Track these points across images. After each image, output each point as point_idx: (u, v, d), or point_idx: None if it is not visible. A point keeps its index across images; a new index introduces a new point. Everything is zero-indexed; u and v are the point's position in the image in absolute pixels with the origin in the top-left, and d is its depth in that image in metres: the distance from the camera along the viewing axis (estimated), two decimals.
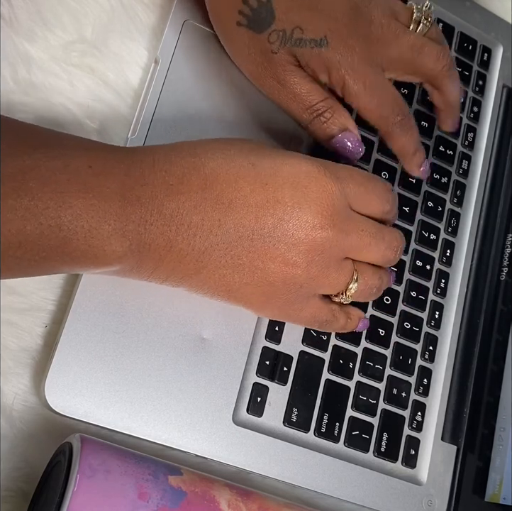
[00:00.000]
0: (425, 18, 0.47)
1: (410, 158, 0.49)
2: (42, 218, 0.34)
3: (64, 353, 0.40)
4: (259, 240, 0.39)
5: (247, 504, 0.40)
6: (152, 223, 0.37)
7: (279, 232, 0.39)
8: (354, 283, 0.42)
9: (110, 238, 0.36)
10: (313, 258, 0.40)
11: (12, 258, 0.34)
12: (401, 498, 0.48)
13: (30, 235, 0.34)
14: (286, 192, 0.39)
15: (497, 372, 0.53)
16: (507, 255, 0.56)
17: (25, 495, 0.40)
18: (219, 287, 0.40)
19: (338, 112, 0.45)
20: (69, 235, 0.35)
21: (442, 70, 0.48)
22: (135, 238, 0.37)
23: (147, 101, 0.45)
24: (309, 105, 0.45)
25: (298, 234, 0.39)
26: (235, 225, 0.38)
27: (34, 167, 0.34)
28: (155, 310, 0.43)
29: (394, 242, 0.43)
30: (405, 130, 0.47)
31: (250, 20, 0.44)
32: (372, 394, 0.49)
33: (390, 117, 0.46)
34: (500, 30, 0.60)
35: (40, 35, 0.44)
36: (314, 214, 0.39)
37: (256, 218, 0.39)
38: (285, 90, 0.45)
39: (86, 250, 0.36)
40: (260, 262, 0.39)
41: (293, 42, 0.43)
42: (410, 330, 0.51)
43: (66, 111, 0.44)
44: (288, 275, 0.40)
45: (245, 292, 0.40)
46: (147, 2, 0.48)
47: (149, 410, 0.42)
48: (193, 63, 0.47)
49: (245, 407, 0.45)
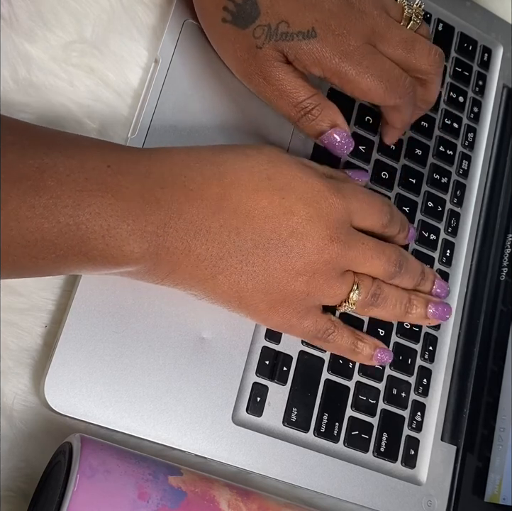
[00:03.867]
0: (416, 16, 0.47)
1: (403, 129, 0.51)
2: (61, 217, 0.34)
3: (63, 352, 0.40)
4: (273, 250, 0.41)
5: (247, 504, 0.40)
6: (172, 227, 0.37)
7: (292, 242, 0.41)
8: (355, 292, 0.44)
9: (129, 239, 0.36)
10: (319, 268, 0.42)
11: (29, 256, 0.34)
12: (401, 498, 0.48)
13: (48, 234, 0.34)
14: (300, 207, 0.41)
15: (497, 372, 0.53)
16: (507, 255, 0.56)
17: (25, 495, 0.40)
18: (232, 294, 0.41)
19: (327, 108, 0.45)
20: (87, 234, 0.35)
21: (433, 66, 0.47)
22: (154, 240, 0.37)
23: (147, 100, 0.45)
24: (296, 102, 0.44)
25: (309, 245, 0.41)
26: (252, 233, 0.40)
27: (52, 165, 0.34)
28: (155, 310, 0.43)
29: (393, 256, 0.45)
30: (412, 103, 0.47)
31: (235, 16, 0.43)
32: (372, 394, 0.49)
33: (397, 91, 0.45)
34: (500, 30, 0.60)
35: (40, 35, 0.44)
36: (323, 228, 0.42)
37: (273, 228, 0.40)
38: (271, 87, 0.44)
39: (104, 250, 0.36)
40: (273, 270, 0.41)
41: (279, 36, 0.43)
42: (410, 330, 0.51)
43: (66, 111, 0.44)
44: (297, 282, 0.41)
45: (255, 299, 0.41)
46: (147, 2, 0.48)
47: (148, 410, 0.42)
48: (193, 63, 0.47)
49: (245, 406, 0.45)
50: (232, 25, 0.43)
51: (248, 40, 0.43)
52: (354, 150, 0.51)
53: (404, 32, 0.46)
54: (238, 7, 0.43)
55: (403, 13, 0.47)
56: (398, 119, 0.49)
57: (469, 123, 0.57)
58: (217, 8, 0.44)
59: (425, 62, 0.47)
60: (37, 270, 0.36)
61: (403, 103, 0.47)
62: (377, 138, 0.52)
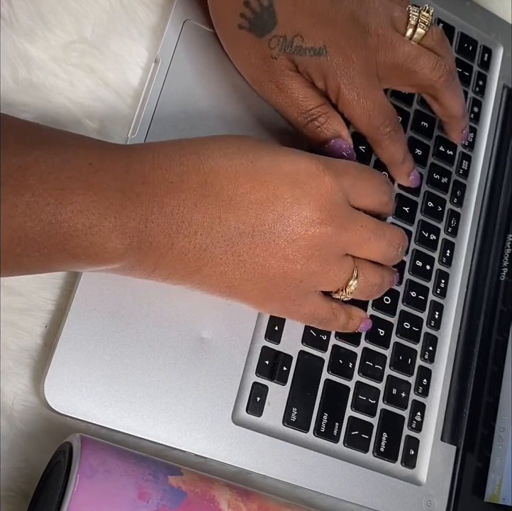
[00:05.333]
0: (423, 22, 0.47)
1: (400, 167, 0.50)
2: (43, 215, 0.34)
3: (63, 352, 0.40)
4: (259, 237, 0.39)
5: (247, 504, 0.40)
6: (153, 221, 0.37)
7: (279, 228, 0.39)
8: (354, 280, 0.42)
9: (111, 235, 0.36)
10: (312, 254, 0.40)
11: (12, 255, 0.34)
12: (401, 498, 0.48)
13: (31, 232, 0.34)
14: (285, 189, 0.39)
15: (497, 372, 0.53)
16: (507, 256, 0.56)
17: (25, 495, 0.40)
18: (220, 284, 0.40)
19: (332, 118, 0.46)
20: (70, 232, 0.35)
21: (439, 80, 0.47)
22: (136, 236, 0.37)
23: (147, 100, 0.45)
24: (305, 110, 0.45)
25: (298, 230, 0.40)
26: (235, 222, 0.39)
27: (34, 163, 0.34)
28: (155, 309, 0.43)
29: (396, 239, 0.44)
30: (394, 140, 0.48)
31: (252, 23, 0.44)
32: (372, 394, 0.49)
33: (380, 128, 0.46)
34: (500, 30, 0.60)
35: (40, 35, 0.44)
36: (313, 210, 0.40)
37: (256, 214, 0.39)
38: (283, 94, 0.45)
39: (87, 247, 0.36)
40: (261, 258, 0.40)
41: (294, 49, 0.44)
42: (410, 330, 0.51)
43: (66, 111, 0.44)
44: (288, 270, 0.40)
45: (245, 288, 0.41)
46: (147, 2, 0.48)
47: (148, 409, 0.42)
48: (194, 63, 0.47)
49: (245, 406, 0.45)
50: (249, 32, 0.44)
51: (263, 48, 0.44)
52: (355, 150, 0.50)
53: (408, 48, 0.46)
54: (256, 15, 0.43)
55: (407, 22, 0.46)
56: (383, 155, 0.49)
57: (469, 123, 0.57)
58: (234, 13, 0.44)
59: (429, 77, 0.47)
60: (22, 268, 0.36)
61: (383, 139, 0.47)
62: None
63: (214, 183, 0.39)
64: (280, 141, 0.49)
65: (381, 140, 0.47)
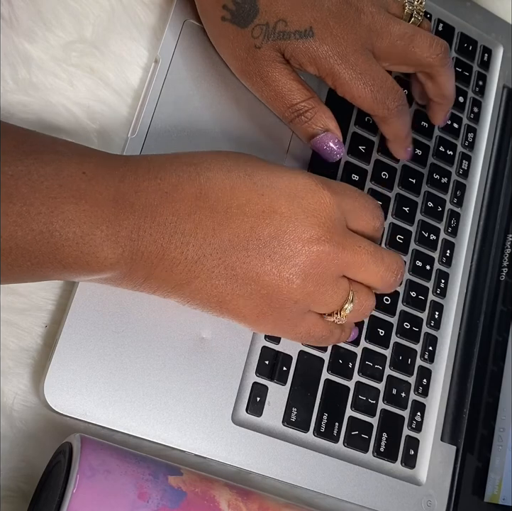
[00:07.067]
0: (417, 13, 0.47)
1: (402, 142, 0.49)
2: (34, 224, 0.34)
3: (63, 352, 0.40)
4: (253, 251, 0.38)
5: (247, 504, 0.40)
6: (146, 230, 0.36)
7: (275, 242, 0.38)
8: (350, 303, 0.41)
9: (103, 245, 0.35)
10: (309, 272, 0.39)
11: (4, 264, 0.34)
12: (400, 498, 0.48)
13: (22, 241, 0.34)
14: (283, 203, 0.38)
15: (497, 372, 0.53)
16: (507, 256, 0.56)
17: (25, 495, 0.40)
18: (210, 299, 0.39)
19: (320, 113, 0.45)
20: (61, 241, 0.34)
21: (437, 58, 0.47)
22: (128, 245, 0.36)
23: (147, 100, 0.45)
24: (290, 104, 0.44)
25: (295, 245, 0.38)
26: (229, 234, 0.38)
27: (26, 172, 0.34)
28: (155, 309, 0.43)
29: (394, 265, 0.42)
30: (401, 115, 0.47)
31: (234, 14, 0.43)
32: (372, 394, 0.49)
33: (386, 102, 0.45)
34: (500, 30, 0.60)
35: (40, 35, 0.44)
36: (311, 226, 0.39)
37: (252, 227, 0.38)
38: (267, 87, 0.44)
39: (78, 257, 0.35)
40: (254, 273, 0.38)
41: (277, 35, 0.43)
42: (410, 330, 0.51)
43: (66, 111, 0.44)
44: (283, 289, 0.39)
45: (237, 304, 0.39)
46: (147, 2, 0.48)
47: (148, 409, 0.42)
48: (194, 63, 0.47)
49: (245, 406, 0.45)
50: (232, 23, 0.43)
51: (247, 39, 0.43)
52: (355, 150, 0.51)
53: (403, 26, 0.46)
54: (237, 6, 0.43)
55: (403, 10, 0.46)
56: (388, 131, 0.48)
57: (469, 123, 0.57)
58: (216, 6, 0.44)
59: (427, 55, 0.46)
60: (14, 277, 0.36)
61: (391, 115, 0.46)
62: (377, 138, 0.52)
63: (209, 195, 0.38)
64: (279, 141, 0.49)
65: (389, 115, 0.46)
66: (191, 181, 0.38)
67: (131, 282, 0.39)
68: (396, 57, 0.47)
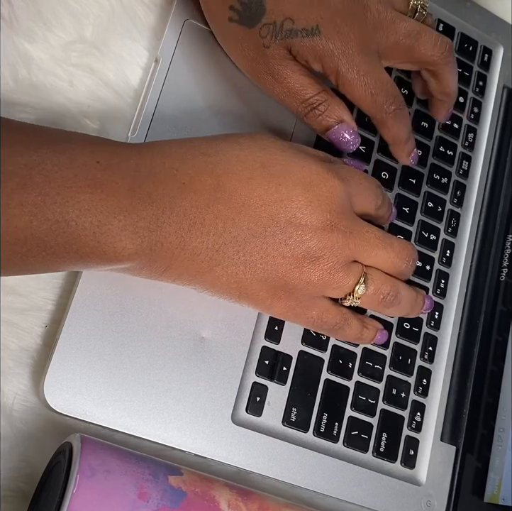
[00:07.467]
0: (422, 7, 0.47)
1: (403, 146, 0.49)
2: (50, 214, 0.34)
3: (63, 352, 0.40)
4: (271, 237, 0.39)
5: (247, 504, 0.40)
6: (165, 221, 0.37)
7: (291, 229, 0.40)
8: (361, 285, 0.42)
9: (121, 235, 0.36)
10: (320, 255, 0.40)
11: (18, 255, 0.34)
12: (400, 498, 0.48)
13: (37, 231, 0.34)
14: (299, 192, 0.40)
15: (496, 372, 0.53)
16: (507, 256, 0.56)
17: (25, 495, 0.40)
18: (231, 285, 0.40)
19: (333, 104, 0.45)
20: (78, 231, 0.35)
21: (441, 56, 0.47)
22: (147, 236, 0.36)
23: (147, 100, 0.45)
24: (303, 99, 0.45)
25: (309, 231, 0.40)
26: (248, 222, 0.39)
27: (40, 162, 0.34)
28: (154, 309, 0.43)
29: (405, 251, 0.43)
30: (398, 119, 0.47)
31: (241, 15, 0.43)
32: (371, 394, 0.49)
33: (384, 106, 0.46)
34: (500, 30, 0.60)
35: (40, 35, 0.44)
36: (323, 212, 0.40)
37: (270, 215, 0.39)
38: (279, 85, 0.44)
39: (95, 247, 0.35)
40: (271, 258, 0.40)
41: (284, 33, 0.43)
42: (410, 330, 0.51)
43: (66, 111, 0.44)
44: (297, 269, 0.40)
45: (255, 289, 0.41)
46: (147, 2, 0.48)
47: (148, 409, 0.42)
48: (194, 62, 0.47)
49: (244, 406, 0.45)
50: (239, 24, 0.44)
51: (255, 39, 0.43)
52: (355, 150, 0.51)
53: (409, 24, 0.46)
54: (244, 6, 0.43)
55: (408, 4, 0.47)
56: (387, 135, 0.48)
57: (469, 123, 0.57)
58: (223, 7, 0.44)
59: (431, 53, 0.47)
60: (28, 268, 0.36)
61: (388, 119, 0.46)
62: (377, 138, 0.52)
63: (227, 186, 0.39)
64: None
65: (386, 119, 0.46)
66: (207, 172, 0.38)
67: (151, 272, 0.39)
68: (401, 55, 0.47)
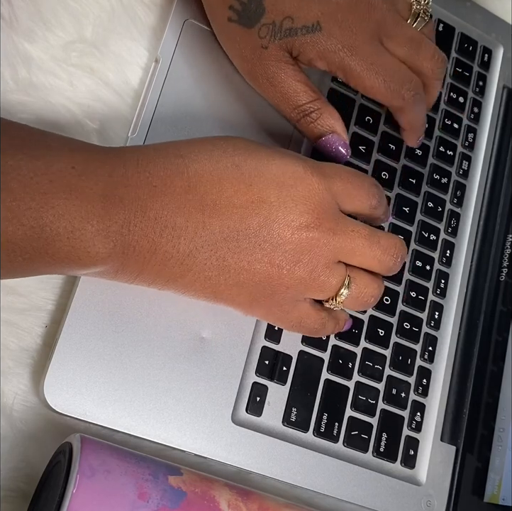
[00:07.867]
0: (424, 13, 0.46)
1: (418, 131, 0.49)
2: (24, 219, 0.34)
3: (63, 352, 0.40)
4: (244, 241, 0.38)
5: (247, 504, 0.40)
6: (136, 225, 0.36)
7: (264, 232, 0.38)
8: (346, 289, 0.41)
9: (94, 239, 0.36)
10: (299, 259, 0.39)
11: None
12: (400, 498, 0.48)
13: (12, 237, 0.34)
14: (271, 192, 0.38)
15: (496, 372, 0.53)
16: (507, 256, 0.56)
17: (25, 495, 0.40)
18: (205, 289, 0.40)
19: (326, 113, 0.45)
20: (52, 236, 0.35)
21: (436, 71, 0.47)
22: (119, 240, 0.36)
23: (147, 100, 0.45)
24: (296, 105, 0.44)
25: (284, 233, 0.39)
26: (219, 226, 0.38)
27: (16, 167, 0.34)
28: (154, 309, 0.43)
29: (392, 248, 0.42)
30: (417, 104, 0.46)
31: (240, 15, 0.43)
32: (371, 394, 0.49)
33: (401, 92, 0.45)
34: (500, 30, 0.60)
35: (40, 35, 0.44)
36: (300, 213, 0.39)
37: (241, 218, 0.38)
38: (274, 89, 0.44)
39: (70, 251, 0.35)
40: (246, 263, 0.39)
41: (283, 33, 0.42)
42: (410, 330, 0.51)
43: (66, 111, 0.44)
44: (274, 275, 0.39)
45: (231, 293, 0.40)
46: (147, 2, 0.48)
47: (148, 409, 0.42)
48: (194, 62, 0.47)
49: (244, 406, 0.45)
50: (238, 24, 0.43)
51: (254, 39, 0.43)
52: (355, 150, 0.51)
53: (411, 31, 0.46)
54: (244, 6, 0.43)
55: (411, 9, 0.46)
56: (405, 121, 0.48)
57: (469, 123, 0.57)
58: (223, 7, 0.44)
59: (428, 66, 0.46)
60: (6, 273, 0.36)
61: (407, 104, 0.46)
62: (377, 138, 0.52)
63: (198, 187, 0.38)
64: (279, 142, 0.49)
65: (405, 105, 0.45)
66: (179, 174, 0.38)
67: (125, 276, 0.39)
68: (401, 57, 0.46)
